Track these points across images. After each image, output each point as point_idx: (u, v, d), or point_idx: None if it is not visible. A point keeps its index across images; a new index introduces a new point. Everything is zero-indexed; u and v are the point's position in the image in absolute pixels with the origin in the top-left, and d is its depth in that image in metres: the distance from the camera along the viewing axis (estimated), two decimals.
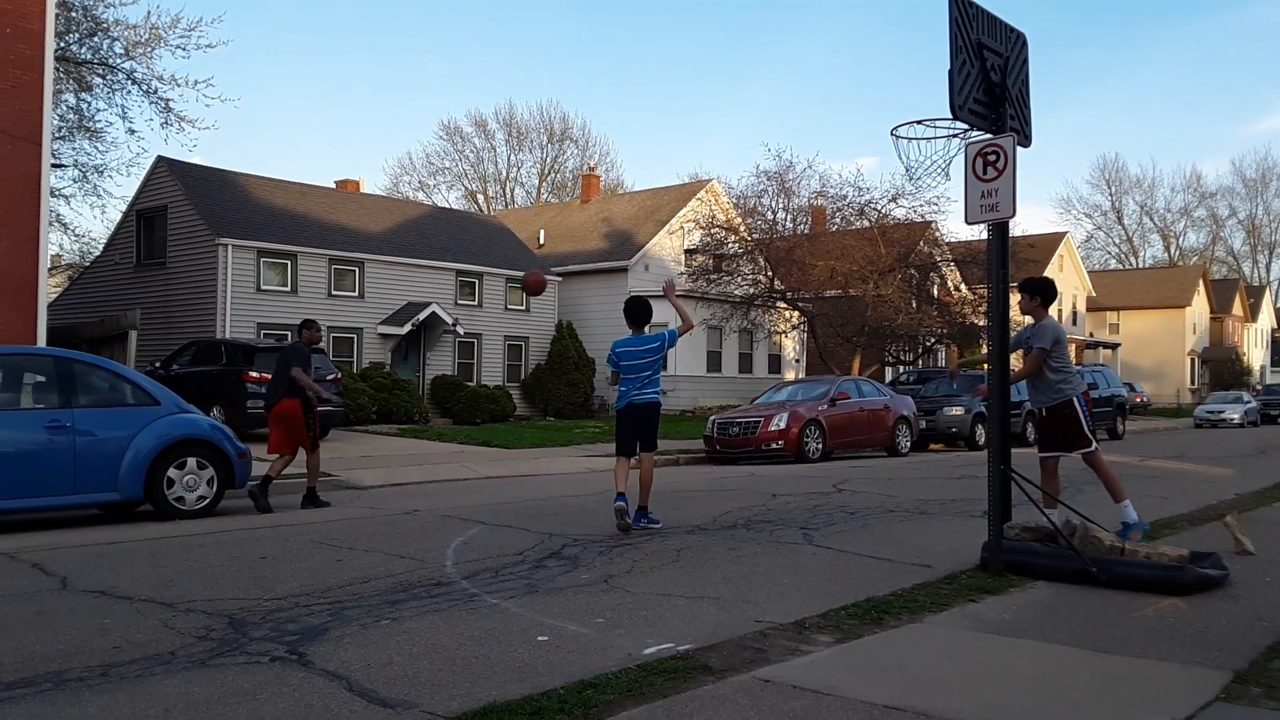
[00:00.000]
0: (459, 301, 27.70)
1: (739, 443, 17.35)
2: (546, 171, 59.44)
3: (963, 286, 31.10)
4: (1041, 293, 7.31)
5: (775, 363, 34.10)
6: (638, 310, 8.47)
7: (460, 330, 26.80)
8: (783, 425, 17.15)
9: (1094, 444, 7.07)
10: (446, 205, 49.81)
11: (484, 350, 28.46)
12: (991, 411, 6.51)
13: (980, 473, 7.42)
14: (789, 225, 29.25)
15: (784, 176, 28.59)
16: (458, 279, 27.97)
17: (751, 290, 29.11)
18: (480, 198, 58.63)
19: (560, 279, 30.98)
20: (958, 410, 21.35)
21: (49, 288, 16.62)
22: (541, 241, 35.47)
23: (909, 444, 19.52)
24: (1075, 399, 7.07)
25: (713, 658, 4.34)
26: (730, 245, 29.50)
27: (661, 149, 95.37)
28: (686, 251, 31.85)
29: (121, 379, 9.42)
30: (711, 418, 18.75)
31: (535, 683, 3.96)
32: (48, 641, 4.61)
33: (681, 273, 31.57)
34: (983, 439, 19.79)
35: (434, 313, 25.95)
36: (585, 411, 28.55)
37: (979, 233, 23.90)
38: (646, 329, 8.48)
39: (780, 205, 29.13)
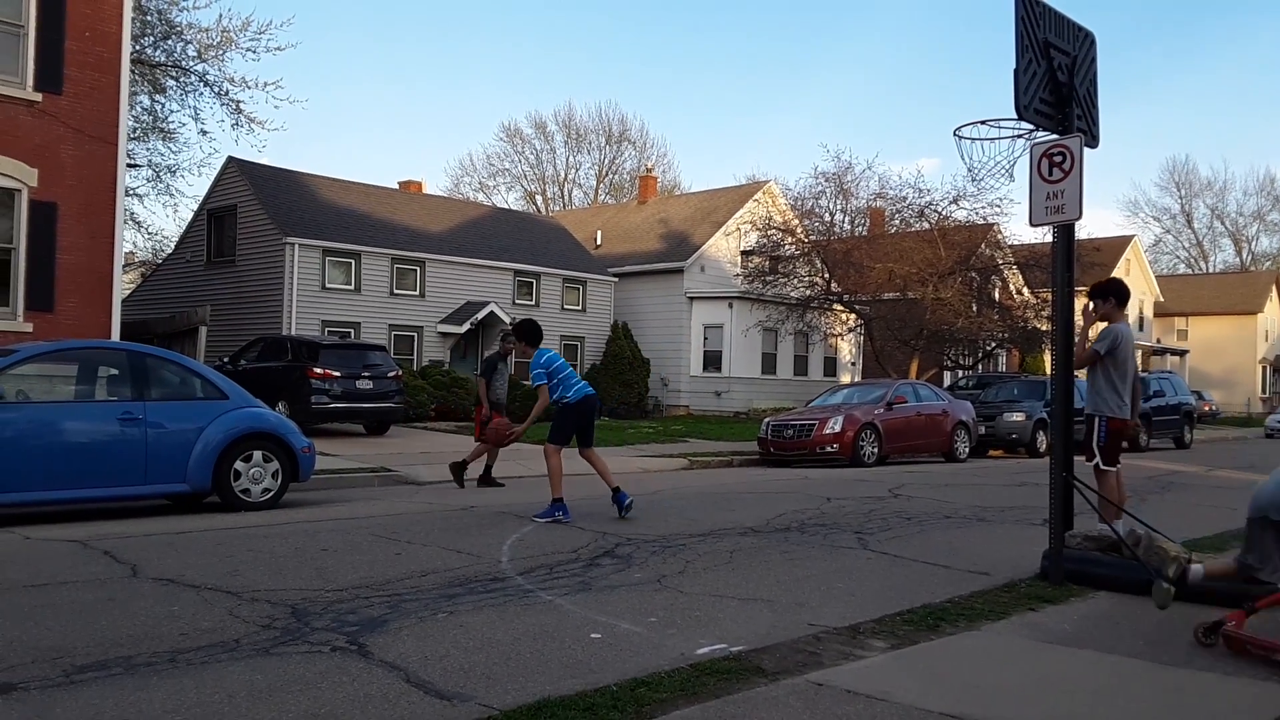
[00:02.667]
0: (516, 301, 27.95)
1: (793, 445, 17.25)
2: (604, 172, 59.75)
3: (1025, 290, 30.51)
4: (1113, 294, 7.16)
5: (831, 365, 33.81)
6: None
7: None
8: (838, 428, 17.01)
9: (1096, 460, 6.94)
10: (505, 206, 50.29)
11: None
12: (1054, 418, 6.39)
13: (1040, 480, 7.28)
14: (847, 227, 28.98)
15: (842, 178, 28.33)
16: (515, 279, 28.22)
17: (808, 292, 28.88)
18: (539, 198, 59.10)
19: (616, 279, 31.08)
20: (1018, 416, 20.97)
21: (123, 284, 17.13)
22: (599, 242, 35.63)
23: (967, 450, 19.23)
24: (1098, 419, 6.94)
25: (766, 660, 4.34)
26: (787, 247, 29.31)
27: (718, 150, 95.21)
28: (743, 253, 31.73)
29: (191, 373, 9.67)
30: (766, 420, 18.66)
31: (588, 679, 3.99)
32: (118, 627, 4.76)
33: (737, 274, 31.48)
34: (1044, 446, 19.42)
35: (492, 312, 26.22)
36: (640, 411, 28.60)
37: (1043, 235, 23.45)
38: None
39: (838, 207, 28.87)
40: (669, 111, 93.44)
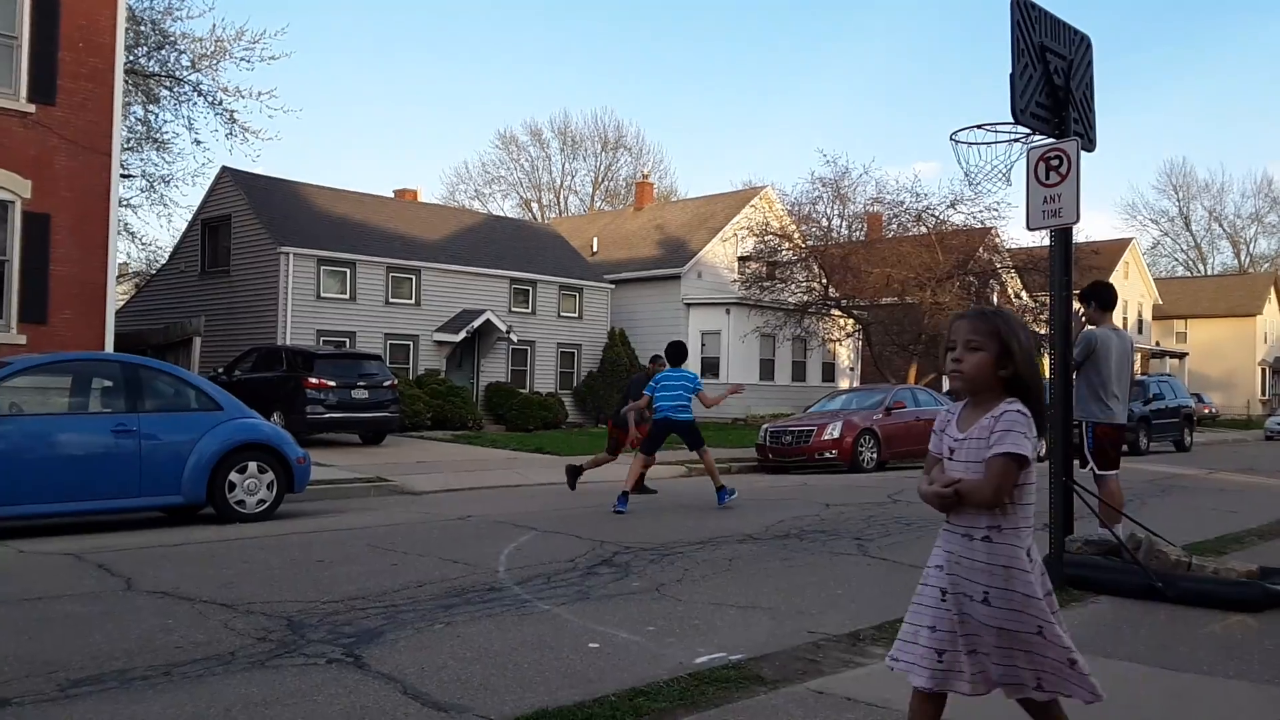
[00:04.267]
0: (513, 309, 27.92)
1: (792, 451, 17.22)
2: (600, 179, 59.82)
3: (1024, 294, 30.55)
4: (1093, 298, 7.16)
5: (829, 371, 33.80)
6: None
7: (514, 337, 27.01)
8: (836, 434, 16.98)
9: (1089, 465, 6.97)
10: (501, 214, 50.30)
11: (537, 357, 28.65)
12: (1054, 422, 6.36)
13: (1040, 485, 7.27)
14: (844, 232, 29.03)
15: (839, 183, 28.40)
16: (511, 287, 28.20)
17: (805, 298, 28.90)
18: (534, 206, 59.15)
19: (613, 286, 31.07)
20: None
21: (117, 295, 17.08)
22: (595, 249, 35.63)
23: None
24: (1084, 426, 6.95)
25: (765, 668, 4.30)
26: (784, 252, 29.33)
27: (714, 156, 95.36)
28: (740, 258, 31.75)
29: (186, 384, 9.63)
30: (764, 426, 18.63)
31: (587, 689, 3.96)
32: (113, 640, 4.72)
33: (734, 280, 31.48)
34: (1043, 451, 19.38)
35: (488, 320, 26.20)
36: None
37: (1040, 239, 23.43)
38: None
39: (835, 212, 28.95)
40: (665, 118, 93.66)
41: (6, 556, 7.21)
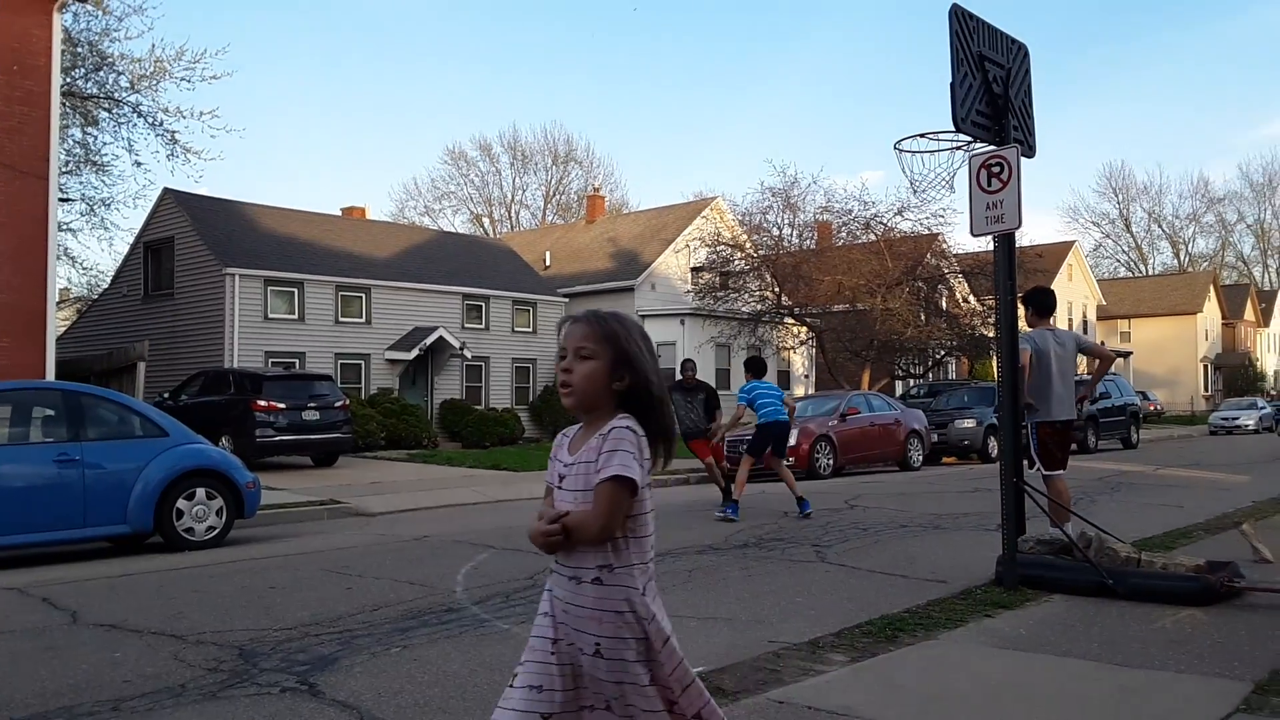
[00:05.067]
0: (466, 325, 27.74)
1: None
2: (551, 193, 59.78)
3: (972, 298, 31.02)
4: (1030, 303, 7.36)
5: (784, 379, 34.00)
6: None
7: (468, 354, 26.82)
8: (793, 441, 17.05)
9: (1035, 466, 7.12)
10: (452, 229, 50.01)
11: (491, 373, 28.48)
12: (1003, 424, 6.46)
13: (993, 486, 7.35)
14: (795, 241, 29.27)
15: (789, 192, 28.64)
16: (464, 302, 28.02)
17: (759, 306, 29.09)
18: (486, 221, 58.94)
19: (567, 300, 31.02)
20: (969, 423, 21.24)
21: (57, 321, 16.70)
22: (548, 263, 35.56)
23: (921, 458, 19.42)
24: (1030, 424, 7.12)
25: (726, 679, 4.29)
26: (736, 262, 29.51)
27: (665, 168, 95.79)
28: (693, 269, 31.88)
29: (130, 411, 9.43)
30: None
31: None
32: (59, 676, 4.59)
33: (688, 290, 31.59)
34: (995, 451, 19.66)
35: (441, 337, 25.99)
36: None
37: (986, 244, 23.82)
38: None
39: (786, 221, 29.16)
40: (615, 131, 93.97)
41: None
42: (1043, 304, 7.41)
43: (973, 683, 4.28)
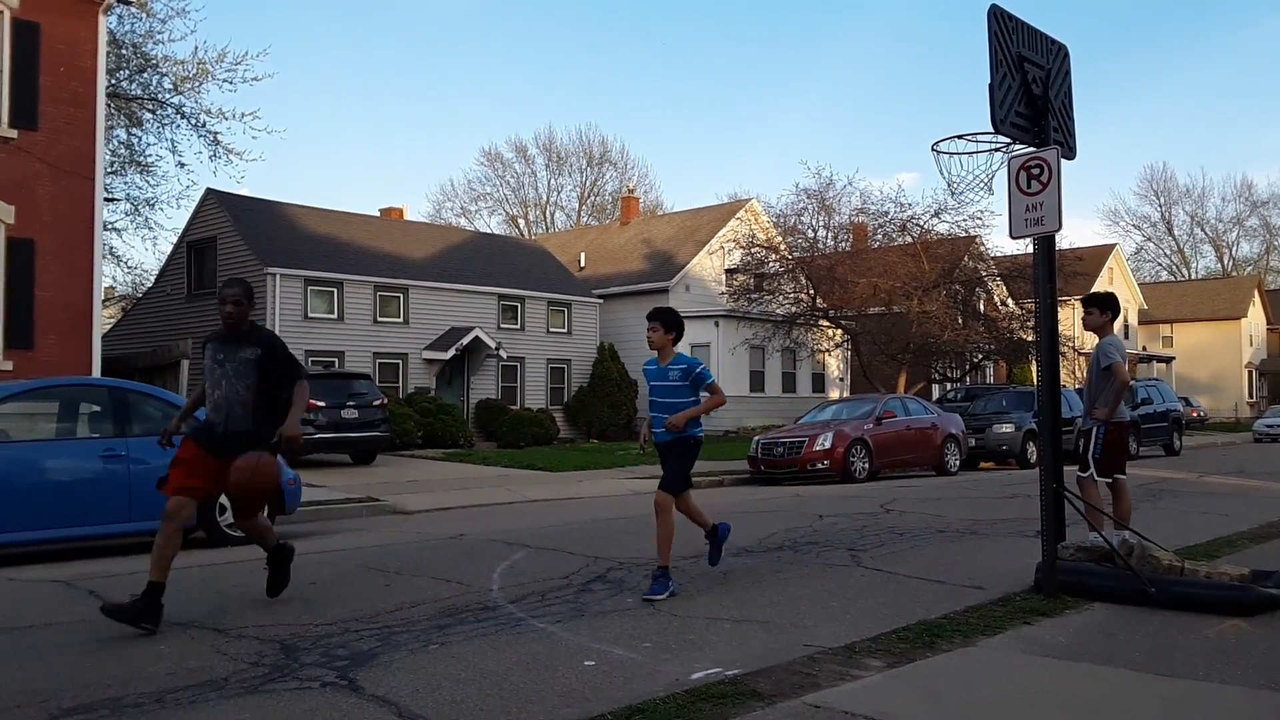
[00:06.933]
0: (501, 325, 27.90)
1: (784, 463, 17.22)
2: (586, 195, 59.95)
3: (1010, 301, 30.68)
4: (1111, 308, 7.36)
5: (819, 382, 33.85)
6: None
7: (503, 354, 26.98)
8: (828, 445, 17.00)
9: (1090, 471, 7.14)
10: (488, 230, 50.30)
11: (527, 373, 28.62)
12: (1043, 428, 6.39)
13: (1032, 491, 7.29)
14: (830, 243, 29.10)
15: (824, 194, 28.48)
16: (500, 303, 28.19)
17: (793, 309, 28.96)
18: (521, 222, 59.20)
19: (601, 301, 31.08)
20: (1008, 427, 21.02)
21: (103, 319, 17.02)
22: (582, 264, 35.65)
23: (958, 463, 19.25)
24: (1095, 428, 7.18)
25: (761, 683, 4.29)
26: (771, 264, 29.40)
27: (700, 170, 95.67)
28: (727, 271, 31.81)
29: (174, 407, 9.55)
30: (755, 438, 18.64)
31: (583, 708, 3.94)
32: (104, 668, 4.68)
33: (723, 292, 31.53)
34: (1034, 457, 19.45)
35: (477, 337, 26.16)
36: (628, 433, 28.53)
37: (1025, 246, 23.58)
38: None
39: (821, 223, 29.00)
40: (649, 133, 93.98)
41: None
42: (1117, 309, 7.50)
43: (1012, 690, 4.25)
